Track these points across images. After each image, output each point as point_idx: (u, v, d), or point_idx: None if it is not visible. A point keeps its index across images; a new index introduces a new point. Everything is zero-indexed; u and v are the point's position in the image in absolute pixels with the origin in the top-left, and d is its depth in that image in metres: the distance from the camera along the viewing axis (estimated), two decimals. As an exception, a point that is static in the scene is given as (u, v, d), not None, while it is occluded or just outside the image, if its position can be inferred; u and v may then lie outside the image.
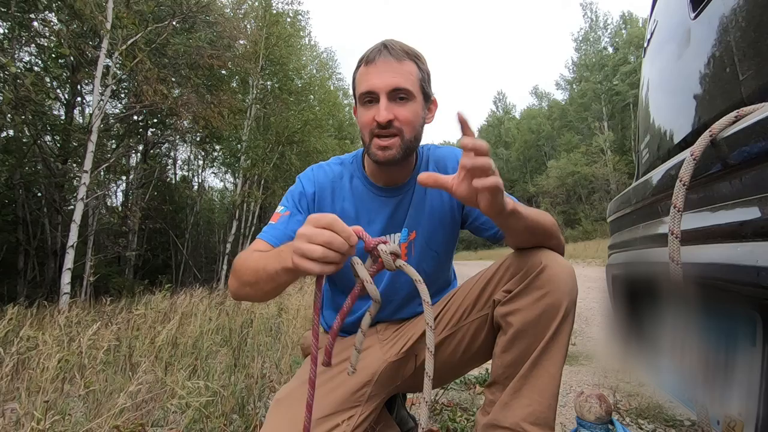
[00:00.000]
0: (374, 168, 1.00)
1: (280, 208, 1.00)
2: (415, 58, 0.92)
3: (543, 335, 0.81)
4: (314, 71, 17.50)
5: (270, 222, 0.98)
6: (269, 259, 0.77)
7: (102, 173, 9.42)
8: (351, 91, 1.01)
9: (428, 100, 0.97)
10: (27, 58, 8.79)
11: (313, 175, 1.03)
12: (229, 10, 11.93)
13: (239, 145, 11.60)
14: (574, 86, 36.78)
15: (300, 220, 0.96)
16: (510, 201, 0.73)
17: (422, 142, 1.10)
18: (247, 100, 11.48)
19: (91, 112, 7.11)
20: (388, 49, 0.90)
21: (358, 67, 0.95)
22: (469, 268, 8.03)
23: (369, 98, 0.90)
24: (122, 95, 10.37)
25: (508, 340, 0.84)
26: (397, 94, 0.89)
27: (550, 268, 0.82)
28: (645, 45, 1.35)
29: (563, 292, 0.81)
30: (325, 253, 0.61)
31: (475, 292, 0.95)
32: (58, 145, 9.39)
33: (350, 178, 1.03)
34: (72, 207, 7.53)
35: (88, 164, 6.51)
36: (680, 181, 0.63)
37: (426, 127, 0.99)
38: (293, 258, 0.64)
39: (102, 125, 7.55)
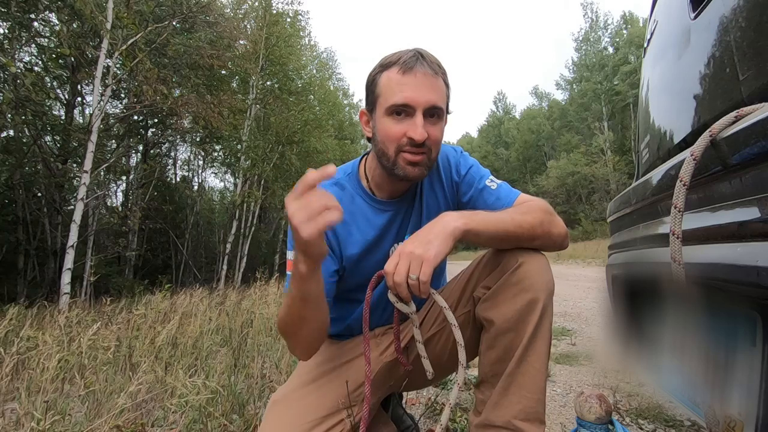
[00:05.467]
0: (381, 180, 0.95)
1: (289, 254, 0.98)
2: (443, 73, 0.89)
3: (524, 331, 0.81)
4: (314, 71, 17.50)
5: (288, 271, 0.98)
6: (286, 301, 0.81)
7: (102, 173, 9.42)
8: (367, 94, 0.91)
9: (447, 116, 0.94)
10: (27, 58, 8.83)
11: None
12: (229, 10, 11.95)
13: (239, 145, 11.60)
14: (574, 86, 36.75)
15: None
16: (460, 223, 0.78)
17: None
18: (247, 100, 11.48)
19: (91, 112, 7.11)
20: (426, 61, 0.85)
21: (384, 69, 0.87)
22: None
23: (402, 110, 0.84)
24: (122, 95, 10.38)
25: (492, 337, 0.85)
26: (431, 112, 0.85)
27: (525, 264, 0.82)
28: (645, 45, 1.35)
29: (540, 287, 0.81)
30: (312, 211, 0.63)
31: (458, 290, 0.95)
32: (58, 145, 9.40)
33: (351, 199, 0.98)
34: (72, 207, 7.53)
35: (88, 164, 6.52)
36: (680, 181, 0.63)
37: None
38: (292, 228, 0.64)
39: (102, 125, 7.55)
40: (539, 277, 0.82)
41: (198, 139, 13.62)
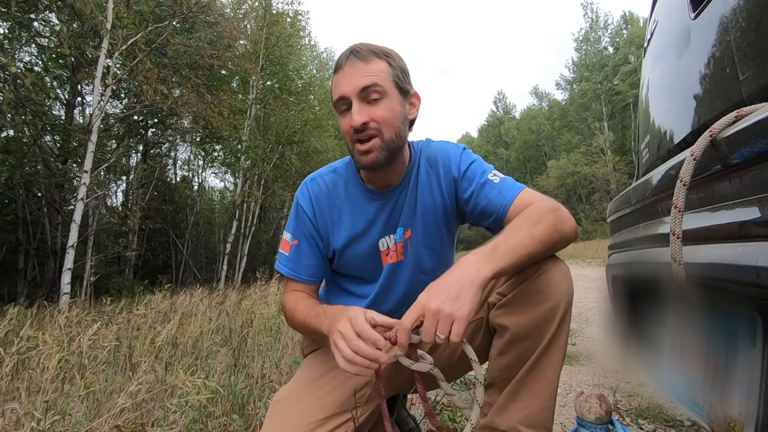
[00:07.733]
0: (367, 172, 0.98)
1: (287, 236, 1.03)
2: (384, 56, 0.90)
3: (541, 339, 0.80)
4: (314, 71, 17.49)
5: (281, 250, 1.03)
6: (311, 319, 0.91)
7: (102, 173, 9.42)
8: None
9: (407, 95, 0.94)
10: (27, 58, 8.84)
11: (308, 190, 1.02)
12: (229, 10, 11.95)
13: (239, 145, 11.61)
14: (575, 86, 36.71)
15: (308, 248, 1.01)
16: (488, 269, 0.71)
17: (420, 138, 1.08)
18: (247, 100, 11.48)
19: (91, 112, 7.11)
20: (354, 54, 0.88)
21: (332, 78, 0.93)
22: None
23: (343, 105, 0.89)
24: (122, 95, 10.38)
25: (505, 344, 0.84)
26: (369, 95, 0.86)
27: (546, 273, 0.81)
28: (645, 45, 1.35)
29: (560, 296, 0.80)
30: (353, 357, 0.74)
31: None
32: (58, 145, 9.40)
33: (345, 185, 1.02)
34: (72, 207, 7.54)
35: (88, 164, 6.51)
36: (680, 181, 0.63)
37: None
38: (331, 344, 0.78)
39: (102, 125, 7.55)
40: (560, 286, 0.80)
41: (198, 139, 13.62)
